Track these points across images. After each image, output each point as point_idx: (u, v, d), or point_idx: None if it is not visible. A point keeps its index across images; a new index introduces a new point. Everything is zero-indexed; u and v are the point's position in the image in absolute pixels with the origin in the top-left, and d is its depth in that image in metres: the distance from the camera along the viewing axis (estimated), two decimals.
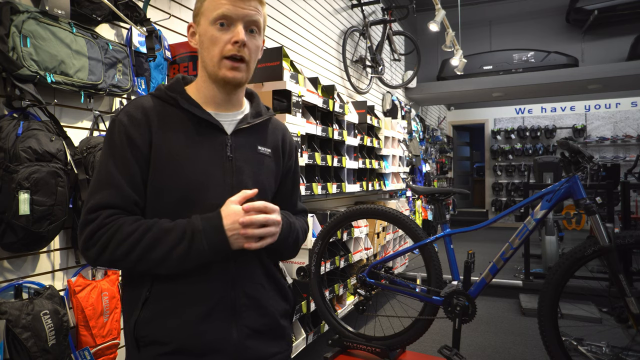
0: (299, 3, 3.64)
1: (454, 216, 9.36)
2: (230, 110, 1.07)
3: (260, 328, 1.03)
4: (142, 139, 0.97)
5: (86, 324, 1.64)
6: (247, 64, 1.01)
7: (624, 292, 1.99)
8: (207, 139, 1.01)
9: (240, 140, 1.05)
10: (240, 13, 0.97)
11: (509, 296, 4.44)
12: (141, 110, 0.99)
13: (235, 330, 0.99)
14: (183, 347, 0.96)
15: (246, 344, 1.00)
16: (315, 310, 2.69)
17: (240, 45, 0.97)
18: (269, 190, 1.10)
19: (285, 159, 1.16)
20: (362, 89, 4.82)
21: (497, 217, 2.29)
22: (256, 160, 1.07)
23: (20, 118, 1.47)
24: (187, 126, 1.00)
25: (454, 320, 2.18)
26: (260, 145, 1.08)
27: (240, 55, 0.98)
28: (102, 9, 1.74)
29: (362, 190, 3.69)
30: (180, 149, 0.98)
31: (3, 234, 1.42)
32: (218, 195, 0.99)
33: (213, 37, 0.98)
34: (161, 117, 1.00)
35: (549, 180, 4.96)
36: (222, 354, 0.98)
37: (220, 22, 0.98)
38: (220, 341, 0.98)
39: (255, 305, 1.03)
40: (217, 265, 0.98)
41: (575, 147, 2.15)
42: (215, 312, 0.98)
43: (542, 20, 7.63)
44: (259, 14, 1.01)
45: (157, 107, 1.01)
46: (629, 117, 9.66)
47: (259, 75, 2.60)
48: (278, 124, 1.18)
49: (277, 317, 1.08)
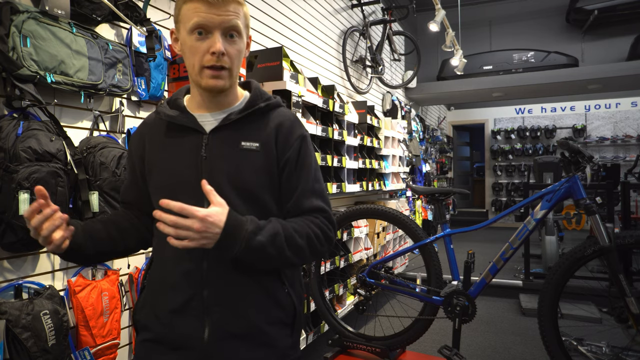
0: (299, 3, 3.64)
1: (454, 216, 9.36)
2: (219, 109, 1.07)
3: (236, 331, 1.00)
4: (137, 154, 1.12)
5: (86, 324, 1.64)
6: (229, 70, 1.00)
7: (624, 292, 1.99)
8: (185, 142, 1.05)
9: (219, 138, 1.03)
10: (216, 21, 0.96)
11: (509, 296, 4.44)
12: (143, 127, 1.14)
13: (208, 329, 0.99)
14: (160, 337, 1.03)
15: (219, 345, 0.99)
16: (315, 310, 2.69)
17: (218, 55, 0.96)
18: (257, 186, 1.03)
19: (280, 151, 1.05)
20: (362, 89, 4.82)
21: (497, 217, 2.29)
22: (237, 156, 1.02)
23: (20, 118, 1.47)
24: (165, 136, 1.08)
25: (454, 320, 2.18)
26: (244, 141, 1.03)
27: (220, 65, 0.98)
28: (102, 9, 1.74)
29: (362, 190, 3.69)
30: (161, 155, 1.07)
31: (3, 234, 1.42)
32: (191, 195, 0.99)
33: (192, 47, 0.98)
34: (154, 131, 1.10)
35: (549, 180, 4.95)
36: (193, 351, 0.99)
37: (197, 30, 0.97)
38: (191, 338, 0.99)
39: (229, 307, 1.00)
40: (192, 263, 1.00)
41: (575, 147, 2.15)
42: (187, 308, 1.00)
43: (542, 20, 7.63)
44: (237, 17, 0.98)
45: (155, 120, 1.12)
46: (629, 117, 9.66)
47: (259, 75, 2.60)
48: (279, 115, 1.09)
49: (259, 323, 1.02)
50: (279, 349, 1.05)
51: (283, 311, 1.06)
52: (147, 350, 1.04)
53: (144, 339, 1.05)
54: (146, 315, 1.06)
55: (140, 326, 1.07)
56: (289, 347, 1.08)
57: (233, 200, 0.99)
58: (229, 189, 1.01)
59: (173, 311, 1.01)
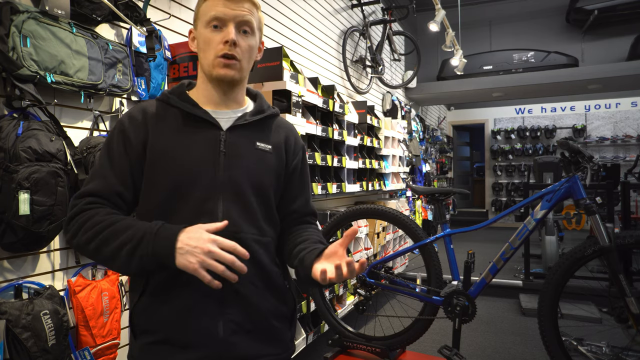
0: (299, 3, 3.64)
1: (454, 216, 9.36)
2: (230, 108, 1.09)
3: (248, 326, 1.02)
4: (137, 138, 1.03)
5: (86, 324, 1.64)
6: (240, 62, 1.04)
7: (624, 292, 1.99)
8: (201, 135, 1.04)
9: (236, 136, 1.06)
10: (231, 14, 1.01)
11: (509, 296, 4.44)
12: (142, 113, 1.06)
13: (222, 326, 0.99)
14: (169, 338, 0.99)
15: (232, 340, 1.00)
16: (315, 310, 2.69)
17: (230, 44, 1.01)
18: (268, 186, 1.08)
19: (289, 157, 1.14)
20: (362, 89, 4.82)
21: (497, 217, 2.29)
22: (254, 155, 1.07)
23: (20, 118, 1.47)
24: (182, 124, 1.05)
25: (454, 320, 2.18)
26: (259, 142, 1.08)
27: (231, 54, 1.01)
28: (102, 9, 1.74)
29: (362, 190, 3.69)
30: (173, 145, 1.02)
31: (3, 234, 1.42)
32: (206, 189, 1.01)
33: (207, 38, 1.03)
34: (160, 118, 1.05)
35: (549, 180, 4.95)
36: (206, 348, 0.99)
37: (213, 24, 1.02)
38: (205, 335, 0.99)
39: (243, 303, 1.02)
40: None
41: (575, 147, 2.15)
42: (201, 306, 0.99)
43: (542, 20, 7.63)
44: (252, 15, 1.04)
45: (158, 109, 1.07)
46: (629, 117, 9.66)
47: (259, 75, 2.60)
48: (283, 123, 1.18)
49: (269, 318, 1.06)
50: (284, 342, 1.11)
51: (285, 306, 1.12)
52: (153, 353, 1.01)
53: (146, 342, 1.01)
54: (149, 319, 1.01)
55: (139, 330, 1.03)
56: (290, 339, 1.14)
57: (249, 197, 1.04)
58: (247, 186, 1.04)
59: (186, 309, 0.99)
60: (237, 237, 0.99)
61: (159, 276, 1.00)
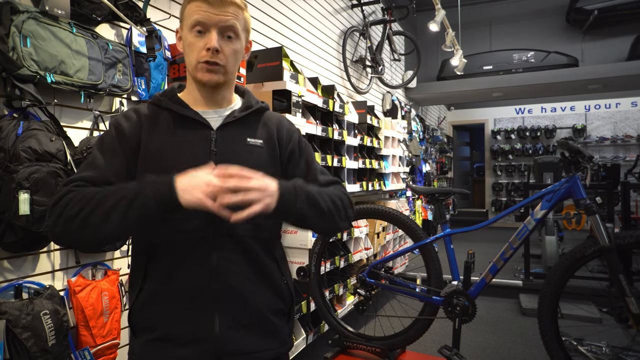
0: (299, 3, 3.64)
1: (454, 216, 9.36)
2: (219, 107, 1.10)
3: (244, 321, 1.03)
4: (131, 134, 1.04)
5: (86, 324, 1.64)
6: (225, 67, 1.04)
7: (624, 292, 1.99)
8: (192, 135, 1.05)
9: (226, 134, 1.07)
10: (214, 19, 1.00)
11: (509, 296, 4.44)
12: (136, 113, 1.08)
13: (218, 321, 1.00)
14: (167, 334, 1.01)
15: (228, 335, 1.01)
16: (315, 310, 2.69)
17: (212, 51, 1.00)
18: None
19: (283, 145, 1.14)
20: (362, 89, 4.82)
21: (497, 217, 2.29)
22: (245, 151, 1.07)
23: (20, 118, 1.47)
24: (174, 125, 1.06)
25: (454, 320, 2.18)
26: (249, 137, 1.09)
27: (213, 61, 1.01)
28: (102, 9, 1.74)
29: (362, 190, 3.69)
30: (166, 146, 1.03)
31: (3, 234, 1.42)
32: None
33: (190, 42, 1.03)
34: (153, 120, 1.07)
35: (549, 180, 4.95)
36: (203, 343, 1.00)
37: (197, 29, 1.01)
38: (202, 331, 1.00)
39: (239, 298, 1.03)
40: (200, 255, 1.00)
41: (575, 147, 2.15)
42: (197, 302, 1.00)
43: (542, 20, 7.63)
44: (236, 19, 1.03)
45: (150, 111, 1.08)
46: (629, 117, 9.66)
47: (259, 75, 2.60)
48: (272, 116, 1.18)
49: (266, 313, 1.07)
50: (280, 337, 1.11)
51: (282, 301, 1.12)
52: (154, 349, 1.03)
53: (147, 339, 1.03)
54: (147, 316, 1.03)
55: (139, 328, 1.04)
56: (287, 334, 1.14)
57: None
58: None
59: (183, 305, 1.00)
60: (232, 234, 1.01)
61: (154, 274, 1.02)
